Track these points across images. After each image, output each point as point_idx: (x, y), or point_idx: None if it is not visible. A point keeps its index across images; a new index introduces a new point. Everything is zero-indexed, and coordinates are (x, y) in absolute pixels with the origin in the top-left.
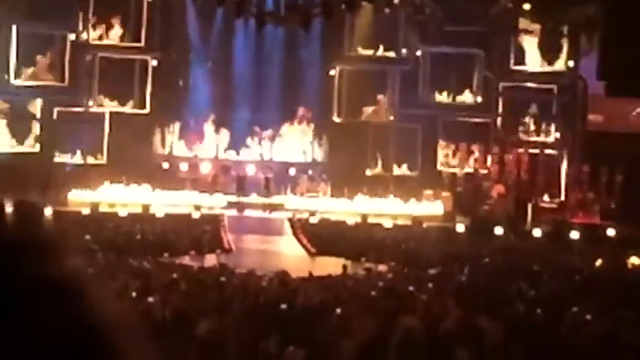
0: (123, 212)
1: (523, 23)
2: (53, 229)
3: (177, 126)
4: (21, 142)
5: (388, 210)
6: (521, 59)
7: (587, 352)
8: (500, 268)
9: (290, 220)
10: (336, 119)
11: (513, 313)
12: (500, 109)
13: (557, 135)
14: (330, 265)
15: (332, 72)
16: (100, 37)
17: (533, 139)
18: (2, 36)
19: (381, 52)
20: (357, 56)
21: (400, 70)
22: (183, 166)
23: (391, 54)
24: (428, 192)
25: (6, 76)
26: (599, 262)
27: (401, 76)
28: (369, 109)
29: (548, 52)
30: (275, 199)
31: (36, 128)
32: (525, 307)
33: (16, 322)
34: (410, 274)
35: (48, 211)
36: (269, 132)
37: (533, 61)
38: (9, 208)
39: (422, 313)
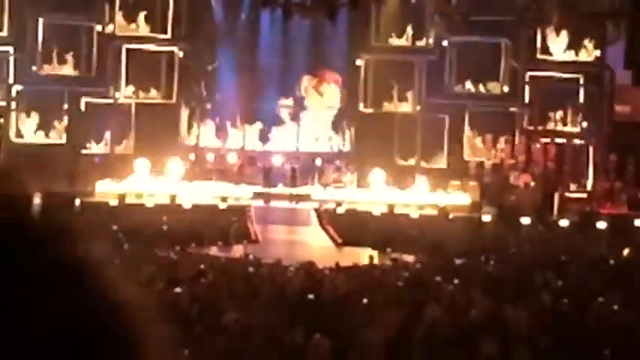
0: (150, 203)
1: (549, 12)
2: (76, 218)
3: (203, 117)
4: (48, 133)
5: (415, 200)
6: (547, 48)
7: (613, 342)
8: (527, 258)
9: (316, 210)
10: (363, 109)
11: (540, 303)
12: (526, 99)
13: (584, 124)
14: (357, 256)
15: (358, 62)
16: (127, 29)
17: (560, 128)
18: (29, 27)
19: (407, 42)
20: (384, 46)
21: (427, 60)
22: (210, 157)
23: (418, 44)
24: (455, 182)
25: (33, 68)
26: (626, 252)
27: (427, 65)
28: (395, 99)
29: (575, 42)
30: (301, 190)
31: (63, 119)
32: (552, 297)
33: (32, 308)
34: (436, 265)
35: (77, 202)
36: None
37: (560, 51)
38: (37, 199)
39: (448, 304)
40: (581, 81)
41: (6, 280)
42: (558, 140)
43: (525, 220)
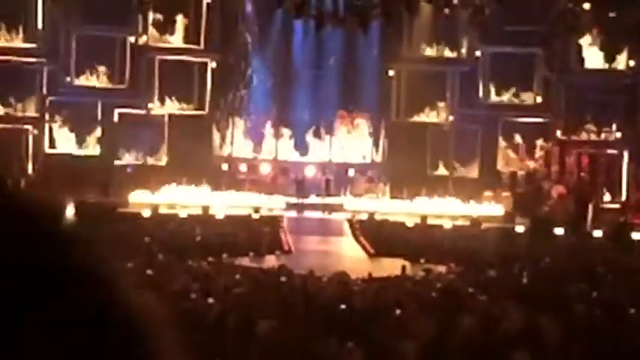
0: (183, 213)
1: (584, 22)
2: (109, 228)
3: (237, 127)
4: (82, 144)
5: (448, 211)
6: (581, 59)
7: None
8: (561, 269)
9: (349, 221)
10: (395, 120)
11: (574, 314)
12: (560, 109)
13: (618, 135)
14: (389, 266)
15: (390, 72)
16: (160, 40)
17: (594, 138)
18: (62, 39)
19: (440, 52)
20: (416, 57)
21: (460, 71)
22: (243, 167)
23: (451, 54)
24: (488, 193)
25: (68, 79)
26: None
27: (460, 76)
28: (428, 110)
29: (609, 52)
30: (334, 200)
31: (97, 130)
32: (586, 308)
33: (58, 315)
34: (469, 276)
35: (70, 209)
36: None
37: (594, 61)
38: (70, 209)
39: (482, 315)
40: (615, 91)
41: (35, 287)
42: (592, 150)
43: (559, 231)
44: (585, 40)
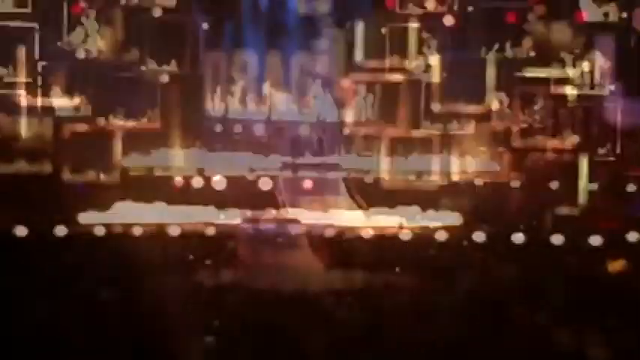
0: (178, 176)
1: None
2: None
3: (230, 87)
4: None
5: (442, 167)
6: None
7: None
8: None
9: (345, 180)
10: (388, 75)
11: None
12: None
13: (613, 87)
14: (386, 223)
15: (383, 30)
16: (151, 2)
17: (587, 92)
18: (54, 2)
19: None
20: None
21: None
22: (237, 128)
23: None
24: (482, 149)
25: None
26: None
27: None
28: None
29: (603, 2)
30: (329, 159)
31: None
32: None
33: None
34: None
35: None
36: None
37: (592, 13)
38: None
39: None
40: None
41: None
42: (586, 104)
43: (553, 185)
44: None
